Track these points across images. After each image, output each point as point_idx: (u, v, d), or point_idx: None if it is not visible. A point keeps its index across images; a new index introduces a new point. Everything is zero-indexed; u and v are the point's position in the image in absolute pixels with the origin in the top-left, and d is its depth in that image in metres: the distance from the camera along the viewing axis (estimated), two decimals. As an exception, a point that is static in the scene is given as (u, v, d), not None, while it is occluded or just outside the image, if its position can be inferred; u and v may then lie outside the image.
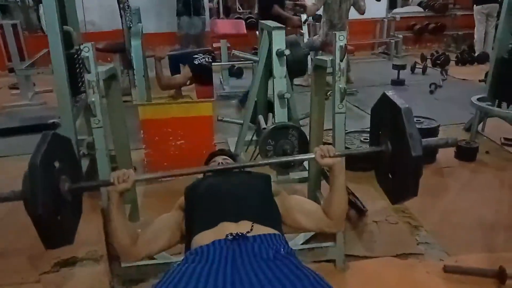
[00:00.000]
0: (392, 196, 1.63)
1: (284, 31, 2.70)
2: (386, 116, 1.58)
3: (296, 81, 4.39)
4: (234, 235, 1.34)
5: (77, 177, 1.65)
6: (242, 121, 3.18)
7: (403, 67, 6.09)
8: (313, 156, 1.60)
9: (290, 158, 2.31)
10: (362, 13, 5.37)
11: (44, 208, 1.33)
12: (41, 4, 2.63)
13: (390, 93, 1.59)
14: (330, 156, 1.57)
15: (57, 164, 1.47)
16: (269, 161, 2.23)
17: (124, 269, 2.04)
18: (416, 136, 1.40)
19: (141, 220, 2.46)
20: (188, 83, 3.98)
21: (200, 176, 1.83)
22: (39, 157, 1.36)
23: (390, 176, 1.60)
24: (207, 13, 6.38)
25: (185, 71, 3.95)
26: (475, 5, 7.23)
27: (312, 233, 2.29)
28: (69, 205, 1.53)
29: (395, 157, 1.54)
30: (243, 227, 1.38)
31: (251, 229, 1.38)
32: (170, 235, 1.61)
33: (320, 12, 5.55)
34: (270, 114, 3.15)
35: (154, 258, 2.17)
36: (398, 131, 1.46)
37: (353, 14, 5.48)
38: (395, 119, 1.48)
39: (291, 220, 1.63)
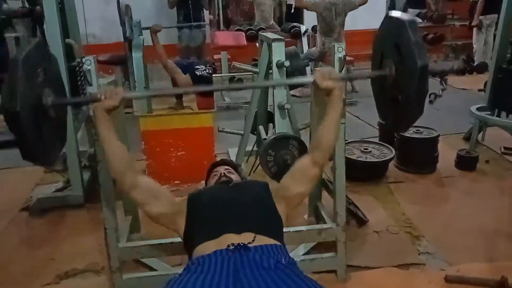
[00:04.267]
0: (397, 123, 1.58)
1: (283, 43, 2.73)
2: (389, 38, 1.54)
3: (291, 91, 4.42)
4: (236, 245, 1.34)
5: (61, 95, 1.56)
6: (242, 132, 3.19)
7: (402, 77, 6.10)
8: (312, 79, 1.57)
9: (290, 81, 2.27)
10: (365, 1, 5.24)
11: (23, 107, 1.24)
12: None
13: (393, 12, 1.56)
14: (331, 78, 1.54)
15: (40, 74, 1.39)
16: (271, 82, 2.11)
17: (125, 280, 2.03)
18: (420, 45, 1.36)
19: (142, 232, 2.47)
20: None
21: (203, 185, 1.83)
22: (22, 54, 1.28)
23: (393, 102, 1.55)
24: (207, 25, 6.43)
25: (187, 77, 3.97)
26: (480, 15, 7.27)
27: (313, 244, 2.29)
28: (52, 123, 1.46)
29: (399, 78, 1.48)
30: (245, 238, 1.39)
31: (253, 240, 1.38)
32: (169, 206, 1.58)
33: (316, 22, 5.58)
34: (271, 125, 3.17)
35: (154, 269, 2.17)
36: (402, 44, 1.41)
37: (353, 25, 5.51)
38: (400, 33, 1.43)
39: (292, 198, 1.62)
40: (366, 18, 7.83)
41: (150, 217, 1.62)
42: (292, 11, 7.21)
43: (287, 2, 7.94)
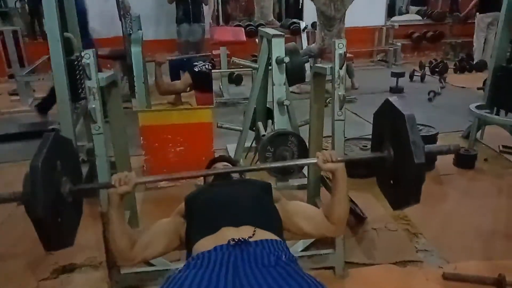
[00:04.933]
0: (393, 202, 1.62)
1: (283, 39, 2.72)
2: (388, 122, 1.58)
3: (290, 88, 4.41)
4: (236, 240, 1.33)
5: (78, 178, 1.63)
6: (241, 128, 3.19)
7: (401, 74, 6.11)
8: (315, 161, 1.60)
9: (291, 163, 2.31)
10: None
11: (45, 211, 1.32)
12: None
13: (393, 99, 1.57)
14: (332, 161, 1.57)
15: (58, 166, 1.45)
16: (271, 165, 2.23)
17: (123, 275, 2.03)
18: (419, 144, 1.39)
19: (140, 226, 2.46)
20: (188, 89, 4.00)
21: (201, 182, 1.83)
22: (40, 158, 1.34)
23: (392, 182, 1.59)
24: (206, 20, 6.41)
25: (185, 77, 3.97)
26: (478, 13, 7.27)
27: (312, 240, 2.29)
28: (70, 207, 1.52)
29: (397, 164, 1.53)
30: (245, 232, 1.38)
31: (253, 234, 1.38)
32: (168, 240, 1.60)
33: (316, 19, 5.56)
34: (270, 121, 3.16)
35: (153, 265, 2.17)
36: (401, 137, 1.45)
37: (353, 22, 5.49)
38: (398, 125, 1.47)
39: (292, 225, 1.63)
40: (365, 16, 7.85)
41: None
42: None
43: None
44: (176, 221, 1.63)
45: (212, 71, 4.12)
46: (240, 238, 1.34)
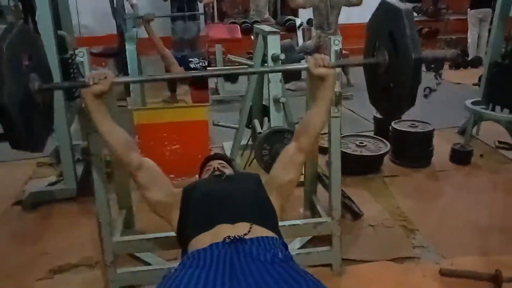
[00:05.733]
0: (388, 111, 1.59)
1: (279, 36, 2.71)
2: (384, 25, 1.52)
3: (286, 85, 4.40)
4: (232, 238, 1.32)
5: (47, 78, 1.54)
6: (237, 126, 3.18)
7: (397, 71, 6.10)
8: (306, 65, 1.56)
9: (284, 67, 2.30)
10: (360, 3, 5.20)
11: (9, 98, 1.24)
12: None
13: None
14: (324, 66, 1.54)
15: (25, 60, 1.37)
16: (266, 69, 2.11)
17: (119, 275, 2.02)
18: (416, 38, 1.36)
19: (136, 226, 2.45)
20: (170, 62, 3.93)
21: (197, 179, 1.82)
22: (5, 44, 1.26)
23: (385, 93, 1.55)
24: (201, 17, 6.38)
25: (181, 71, 3.94)
26: (469, 9, 7.30)
27: (309, 238, 2.29)
28: (39, 108, 1.44)
29: (392, 68, 1.48)
30: (241, 229, 1.37)
31: (249, 231, 1.36)
32: (167, 200, 1.59)
33: (311, 16, 5.55)
34: (266, 119, 3.15)
35: (149, 264, 2.16)
36: (397, 35, 1.40)
37: (349, 18, 5.48)
38: (395, 22, 1.42)
39: (283, 188, 1.62)
40: (361, 12, 7.81)
41: (147, 203, 1.63)
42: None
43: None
44: (176, 197, 1.60)
45: (208, 68, 4.10)
46: (236, 236, 1.33)
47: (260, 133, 2.75)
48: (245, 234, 1.35)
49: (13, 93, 1.26)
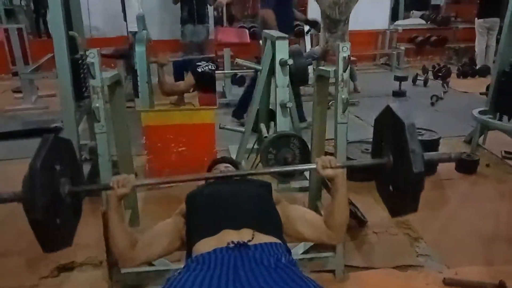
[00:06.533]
0: (392, 209, 1.62)
1: (287, 41, 2.72)
2: (389, 129, 1.58)
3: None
4: (236, 243, 1.34)
5: (78, 179, 1.64)
6: (243, 129, 3.19)
7: (404, 78, 6.10)
8: (314, 166, 1.59)
9: (291, 168, 2.31)
10: None
11: (43, 212, 1.33)
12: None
13: (394, 106, 1.57)
14: (331, 167, 1.56)
15: (57, 167, 1.46)
16: (271, 170, 2.24)
17: (124, 275, 2.03)
18: (418, 152, 1.38)
19: (141, 226, 2.47)
20: (191, 90, 4.00)
21: (202, 182, 1.83)
22: (39, 160, 1.36)
23: (391, 188, 1.59)
24: (211, 21, 6.42)
25: (189, 78, 3.97)
26: (476, 19, 7.29)
27: (312, 243, 2.29)
28: (69, 208, 1.53)
29: (396, 170, 1.53)
30: (245, 235, 1.38)
31: (252, 238, 1.38)
32: (169, 241, 1.61)
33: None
34: (272, 123, 3.16)
35: (153, 265, 2.17)
36: (401, 145, 1.45)
37: (357, 25, 5.48)
38: (398, 133, 1.47)
39: (291, 230, 1.63)
40: (369, 19, 7.85)
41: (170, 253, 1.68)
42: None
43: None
44: (177, 221, 1.63)
45: (216, 72, 4.12)
46: (239, 241, 1.34)
47: (266, 137, 2.77)
48: (249, 241, 1.36)
49: (46, 205, 1.35)
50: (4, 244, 2.49)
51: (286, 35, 2.79)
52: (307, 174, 2.77)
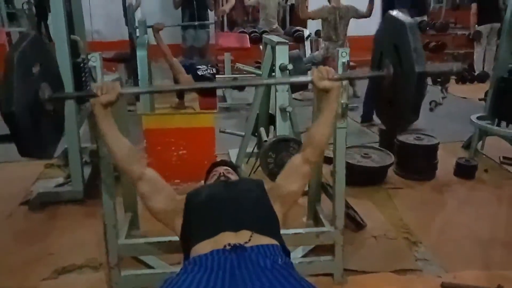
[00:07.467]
0: (393, 123, 1.58)
1: (287, 46, 2.74)
2: (389, 38, 1.53)
3: (293, 95, 4.43)
4: (232, 245, 1.34)
5: (58, 87, 1.57)
6: (243, 133, 3.21)
7: (404, 84, 6.12)
8: (310, 78, 1.56)
9: (290, 80, 2.29)
10: (368, 15, 5.30)
11: (19, 107, 1.25)
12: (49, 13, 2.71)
13: (394, 12, 1.52)
14: (328, 79, 1.53)
15: (38, 68, 1.39)
16: (271, 80, 2.08)
17: (123, 277, 2.04)
18: (420, 51, 1.35)
19: (141, 230, 2.48)
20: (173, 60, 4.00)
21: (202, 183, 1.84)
22: (17, 52, 1.28)
23: (390, 105, 1.55)
24: (212, 26, 6.45)
25: (189, 79, 3.99)
26: (476, 25, 7.33)
27: (311, 247, 2.30)
28: (49, 116, 1.47)
29: (396, 81, 1.48)
30: (242, 237, 1.39)
31: (250, 239, 1.38)
32: (168, 200, 1.61)
33: (320, 27, 5.60)
34: (272, 127, 3.18)
35: (152, 267, 2.18)
36: (402, 48, 1.40)
37: (356, 30, 5.51)
38: (399, 36, 1.42)
39: (286, 197, 1.63)
40: (369, 24, 7.87)
41: (150, 212, 1.65)
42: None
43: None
44: (179, 204, 1.62)
45: (216, 76, 4.15)
46: (236, 243, 1.35)
47: (266, 141, 2.78)
48: (246, 243, 1.36)
49: (22, 101, 1.28)
50: (4, 245, 2.50)
51: (286, 41, 2.81)
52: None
